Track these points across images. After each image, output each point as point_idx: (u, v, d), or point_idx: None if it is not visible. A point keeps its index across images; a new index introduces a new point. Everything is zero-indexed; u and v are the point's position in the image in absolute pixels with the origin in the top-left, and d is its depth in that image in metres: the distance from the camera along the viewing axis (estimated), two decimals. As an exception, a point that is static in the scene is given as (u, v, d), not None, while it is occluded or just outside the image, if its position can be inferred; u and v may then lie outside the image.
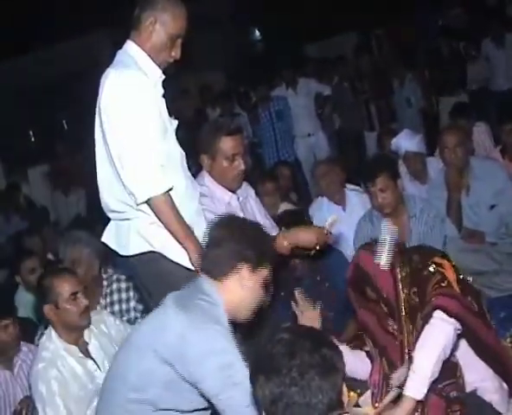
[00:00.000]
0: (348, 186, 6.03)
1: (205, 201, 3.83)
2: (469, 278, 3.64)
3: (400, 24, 15.96)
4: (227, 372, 2.75)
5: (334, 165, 6.11)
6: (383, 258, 3.33)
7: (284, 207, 6.03)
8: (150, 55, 3.46)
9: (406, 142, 6.14)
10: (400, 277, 3.32)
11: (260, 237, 3.10)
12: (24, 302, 5.69)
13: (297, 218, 4.50)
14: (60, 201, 10.53)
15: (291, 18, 15.52)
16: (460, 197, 5.33)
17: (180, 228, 3.35)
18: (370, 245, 3.46)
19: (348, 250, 5.04)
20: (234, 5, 16.71)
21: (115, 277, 4.77)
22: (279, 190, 6.25)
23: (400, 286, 3.33)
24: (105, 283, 4.76)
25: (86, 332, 3.90)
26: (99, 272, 4.76)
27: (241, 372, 2.70)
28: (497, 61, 10.47)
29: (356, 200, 5.69)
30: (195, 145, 4.03)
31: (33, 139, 16.74)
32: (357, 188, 5.98)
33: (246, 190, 4.23)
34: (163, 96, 3.52)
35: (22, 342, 4.52)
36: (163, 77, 3.53)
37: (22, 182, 11.06)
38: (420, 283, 3.28)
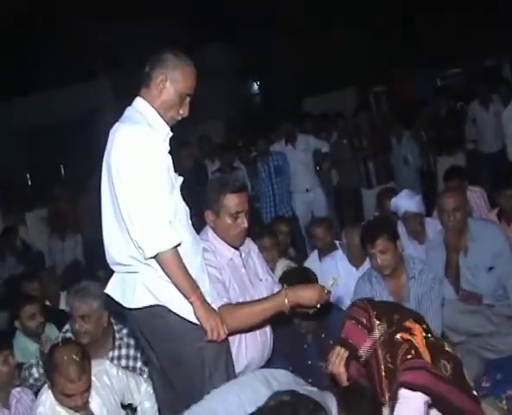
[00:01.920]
0: None
1: (208, 257, 3.86)
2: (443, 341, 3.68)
3: (399, 82, 16.14)
4: None
5: None
6: None
7: (283, 262, 6.05)
8: (159, 112, 3.52)
9: (406, 202, 6.16)
10: (378, 338, 3.38)
11: None
12: (22, 347, 5.63)
13: (301, 276, 4.52)
14: (57, 246, 10.50)
15: (292, 73, 15.69)
16: (458, 258, 5.35)
17: (186, 283, 3.38)
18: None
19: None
20: (237, 59, 16.89)
21: (125, 331, 4.70)
22: (277, 246, 6.26)
23: (379, 349, 3.37)
24: (117, 335, 4.70)
25: None
26: (109, 324, 4.68)
27: None
28: (485, 124, 10.61)
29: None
30: (200, 201, 4.07)
31: (30, 182, 16.77)
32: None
33: (249, 245, 4.26)
34: (170, 152, 3.56)
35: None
36: (171, 134, 3.58)
37: (19, 225, 11.03)
38: (392, 349, 3.32)
